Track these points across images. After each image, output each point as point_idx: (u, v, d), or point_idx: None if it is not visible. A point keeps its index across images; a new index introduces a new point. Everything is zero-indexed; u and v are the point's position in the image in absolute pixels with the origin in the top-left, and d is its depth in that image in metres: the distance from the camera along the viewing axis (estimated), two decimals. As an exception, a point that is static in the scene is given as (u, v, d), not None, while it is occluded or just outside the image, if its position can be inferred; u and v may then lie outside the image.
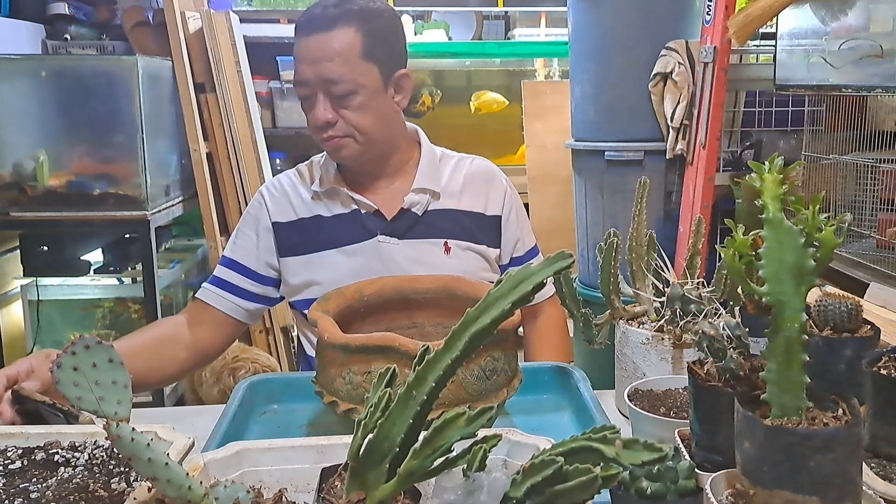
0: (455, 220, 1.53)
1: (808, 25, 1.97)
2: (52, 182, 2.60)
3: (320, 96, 1.41)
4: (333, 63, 1.39)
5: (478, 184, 1.58)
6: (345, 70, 1.39)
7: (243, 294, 1.52)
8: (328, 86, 1.40)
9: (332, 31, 1.40)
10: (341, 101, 1.41)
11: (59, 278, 2.79)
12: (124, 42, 3.15)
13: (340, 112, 1.42)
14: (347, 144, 1.45)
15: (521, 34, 3.81)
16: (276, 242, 1.53)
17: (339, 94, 1.40)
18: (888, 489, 0.73)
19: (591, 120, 2.41)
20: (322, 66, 1.39)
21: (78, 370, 0.62)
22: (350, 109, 1.42)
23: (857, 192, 2.03)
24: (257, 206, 1.56)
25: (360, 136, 1.44)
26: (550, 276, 0.62)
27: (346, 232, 1.50)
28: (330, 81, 1.39)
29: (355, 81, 1.40)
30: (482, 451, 0.62)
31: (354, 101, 1.41)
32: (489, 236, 1.56)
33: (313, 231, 1.52)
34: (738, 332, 0.81)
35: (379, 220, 1.50)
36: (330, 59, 1.39)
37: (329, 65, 1.39)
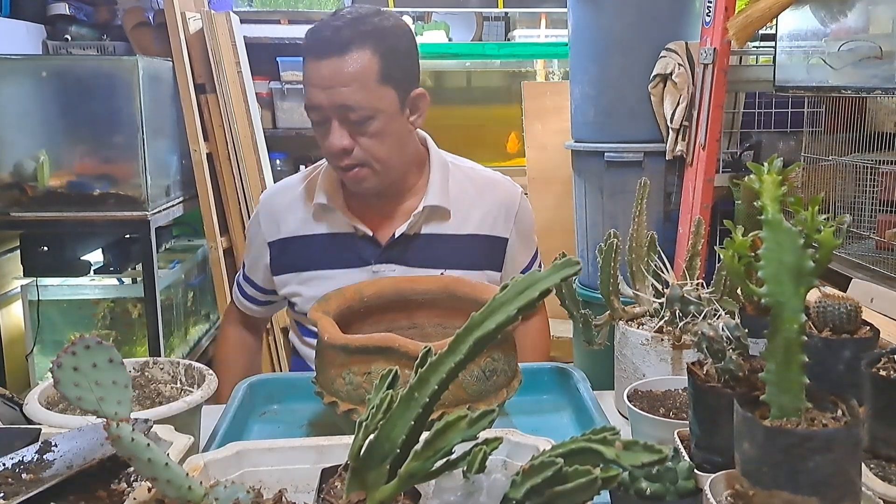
0: (456, 246, 1.46)
1: (807, 27, 1.97)
2: (53, 182, 2.60)
3: (335, 122, 1.34)
4: (349, 89, 1.32)
5: (489, 204, 1.50)
6: (361, 96, 1.32)
7: (256, 302, 1.62)
8: (343, 112, 1.33)
9: (347, 55, 1.32)
10: (357, 127, 1.34)
11: (60, 278, 2.78)
12: (125, 42, 3.15)
13: (357, 139, 1.35)
14: (367, 176, 1.39)
15: (521, 35, 3.81)
16: (270, 260, 1.51)
17: (355, 121, 1.34)
18: (887, 490, 0.73)
19: (591, 121, 2.42)
20: (337, 92, 1.32)
21: (78, 370, 0.62)
22: (367, 136, 1.35)
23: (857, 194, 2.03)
24: (256, 223, 1.55)
25: (377, 163, 1.38)
26: (557, 282, 0.62)
27: (341, 255, 1.46)
28: (346, 108, 1.33)
29: (372, 107, 1.33)
30: (482, 452, 0.62)
31: (371, 127, 1.35)
32: (492, 259, 1.50)
33: (307, 250, 1.48)
34: (738, 333, 0.82)
35: (374, 247, 1.45)
36: (345, 84, 1.32)
37: (344, 90, 1.32)
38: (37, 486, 0.75)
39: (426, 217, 1.46)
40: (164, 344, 2.75)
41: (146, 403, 1.06)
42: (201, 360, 2.11)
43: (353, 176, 1.39)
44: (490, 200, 1.51)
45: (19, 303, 2.78)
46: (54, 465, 0.80)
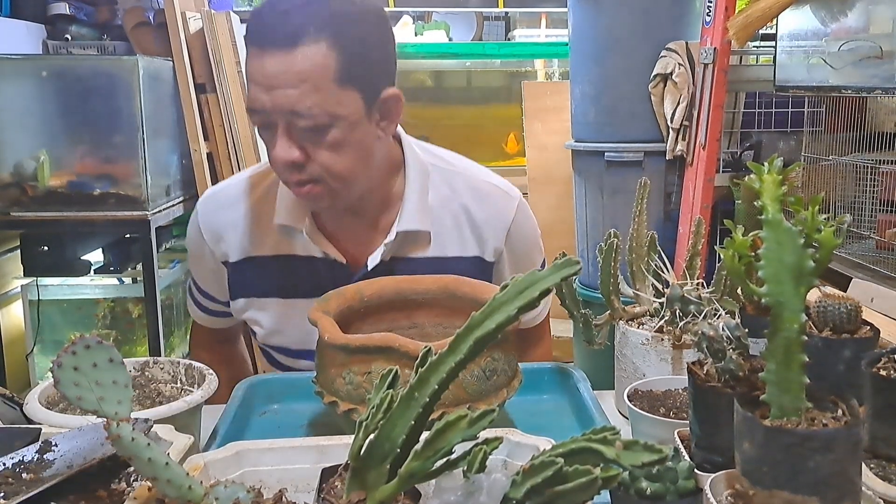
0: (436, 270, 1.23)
1: (807, 27, 1.97)
2: (53, 182, 2.60)
3: (280, 130, 1.09)
4: (298, 91, 1.05)
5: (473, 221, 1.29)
6: (314, 100, 1.06)
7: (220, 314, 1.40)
8: (291, 119, 1.07)
9: (296, 49, 1.05)
10: (311, 135, 1.09)
11: (60, 278, 2.79)
12: (125, 42, 3.15)
13: (309, 150, 1.10)
14: (321, 195, 1.15)
15: (521, 35, 3.81)
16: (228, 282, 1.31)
17: (306, 129, 1.08)
18: (888, 490, 0.73)
19: (592, 121, 2.42)
20: (282, 95, 1.05)
21: (78, 370, 0.62)
22: (322, 147, 1.10)
23: (857, 193, 2.03)
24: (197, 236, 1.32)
25: (333, 180, 1.13)
26: (558, 282, 0.62)
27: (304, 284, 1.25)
28: (294, 113, 1.07)
29: (328, 113, 1.07)
30: (482, 452, 0.62)
31: (328, 137, 1.09)
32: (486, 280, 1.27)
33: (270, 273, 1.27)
34: (738, 333, 0.82)
35: (345, 278, 1.23)
36: (294, 85, 1.05)
37: (292, 93, 1.05)
38: (37, 485, 0.75)
39: (401, 243, 1.25)
40: (165, 344, 2.75)
41: (146, 403, 1.06)
42: (201, 360, 2.10)
43: (306, 193, 1.14)
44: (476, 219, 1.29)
45: (19, 302, 2.78)
46: (54, 464, 0.80)
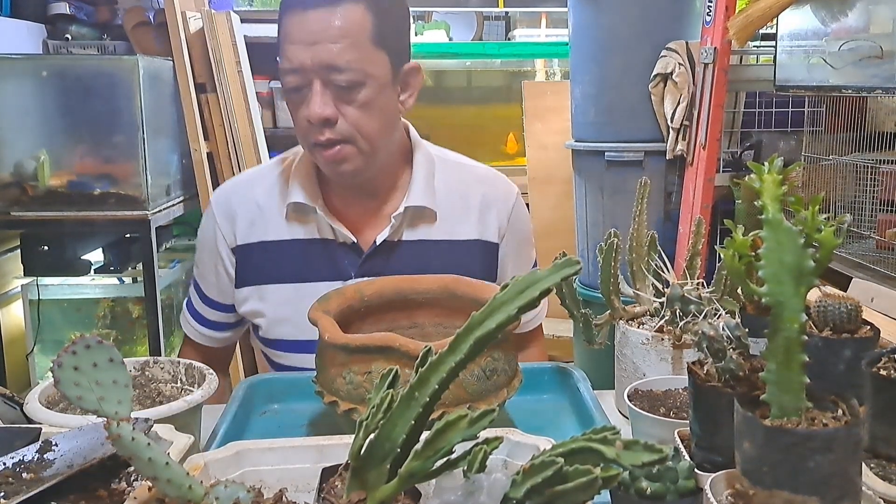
0: (445, 253, 1.30)
1: (808, 26, 1.97)
2: (53, 182, 2.60)
3: (317, 87, 1.16)
4: (339, 45, 1.14)
5: (479, 203, 1.34)
6: (353, 55, 1.14)
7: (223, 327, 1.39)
8: (330, 73, 1.15)
9: (338, 7, 1.15)
10: (344, 93, 1.17)
11: (60, 278, 2.79)
12: (125, 42, 3.15)
13: (342, 109, 1.17)
14: (350, 155, 1.20)
15: (521, 35, 3.81)
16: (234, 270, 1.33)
17: (342, 85, 1.16)
18: (888, 490, 0.73)
19: (592, 120, 2.42)
20: (324, 49, 1.14)
21: (78, 370, 0.62)
22: (354, 105, 1.17)
23: (857, 193, 2.03)
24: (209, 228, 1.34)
25: (362, 140, 1.20)
26: (558, 282, 0.62)
27: (315, 266, 1.28)
28: (333, 68, 1.15)
29: (364, 70, 1.16)
30: (483, 452, 0.62)
31: (360, 95, 1.17)
32: (485, 265, 1.34)
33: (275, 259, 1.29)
34: (738, 333, 0.82)
35: (355, 255, 1.28)
36: (334, 40, 1.14)
37: (333, 47, 1.14)
38: (37, 485, 0.75)
39: (410, 220, 1.30)
40: (165, 343, 2.75)
41: (146, 403, 1.06)
42: (202, 360, 2.09)
43: (334, 155, 1.20)
44: (481, 200, 1.35)
45: (19, 302, 2.78)
46: (55, 464, 0.80)
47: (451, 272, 1.26)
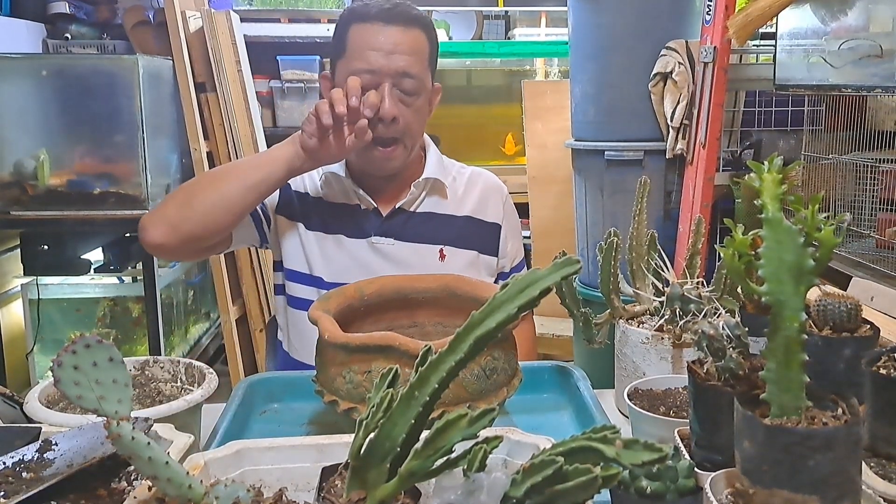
0: (454, 225, 1.51)
1: (807, 25, 1.97)
2: (53, 181, 2.60)
3: (388, 89, 1.37)
4: (412, 58, 1.38)
5: (479, 191, 1.56)
6: (418, 69, 1.39)
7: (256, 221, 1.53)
8: (401, 79, 1.38)
9: (411, 29, 1.39)
10: (406, 98, 1.40)
11: (60, 277, 2.79)
12: (125, 41, 3.15)
13: (401, 110, 1.39)
14: (398, 155, 1.43)
15: (521, 34, 3.81)
16: (278, 198, 1.50)
17: (408, 91, 1.39)
18: (888, 489, 0.73)
19: (592, 120, 2.42)
20: (401, 58, 1.37)
21: (78, 369, 0.62)
22: (412, 109, 1.41)
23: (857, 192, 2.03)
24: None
25: (409, 140, 1.43)
26: (558, 281, 0.62)
27: (343, 224, 1.48)
28: (406, 75, 1.38)
29: (422, 82, 1.41)
30: (483, 451, 0.62)
31: (417, 102, 1.41)
32: (488, 244, 1.54)
33: (313, 210, 1.50)
34: (738, 332, 0.82)
35: (375, 218, 1.48)
36: (409, 53, 1.38)
37: (409, 58, 1.38)
38: (37, 484, 0.75)
39: (427, 191, 1.51)
40: (165, 342, 2.75)
41: (146, 402, 1.06)
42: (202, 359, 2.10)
43: (389, 154, 1.42)
44: (481, 189, 1.57)
45: (19, 302, 2.78)
46: (54, 463, 0.80)
47: (457, 240, 1.49)
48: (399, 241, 1.47)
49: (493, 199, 1.57)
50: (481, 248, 1.53)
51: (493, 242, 1.55)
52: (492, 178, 1.62)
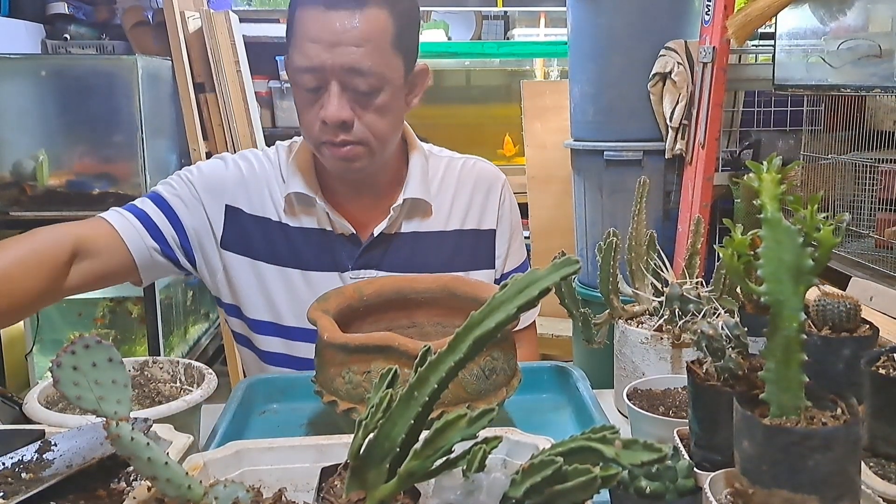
0: (442, 245, 1.33)
1: (806, 25, 1.97)
2: (52, 181, 2.60)
3: (335, 89, 1.15)
4: (362, 50, 1.13)
5: (471, 192, 1.37)
6: (375, 60, 1.14)
7: (164, 246, 1.25)
8: (350, 77, 1.15)
9: (363, 11, 1.14)
10: (362, 98, 1.17)
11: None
12: (124, 42, 3.15)
13: (357, 111, 1.18)
14: (361, 155, 1.21)
15: (520, 34, 3.81)
16: (223, 227, 1.27)
17: (361, 90, 1.16)
18: (887, 488, 0.73)
19: (591, 120, 2.42)
20: (346, 52, 1.13)
21: (77, 369, 0.62)
22: (370, 110, 1.18)
23: (856, 192, 2.03)
24: (218, 173, 1.29)
25: (375, 142, 1.21)
26: (557, 281, 0.62)
27: (313, 255, 1.28)
28: (355, 72, 1.14)
29: (382, 76, 1.16)
30: (482, 451, 0.62)
31: (378, 100, 1.18)
32: (481, 256, 1.37)
33: (276, 239, 1.28)
34: (737, 332, 0.82)
35: (353, 247, 1.29)
36: (358, 43, 1.13)
37: (356, 51, 1.13)
38: (36, 485, 0.75)
39: (407, 212, 1.32)
40: (164, 343, 2.75)
41: (146, 402, 1.06)
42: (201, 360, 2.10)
43: (345, 154, 1.20)
44: (472, 189, 1.37)
45: (19, 302, 2.78)
46: (54, 464, 0.80)
47: (446, 263, 1.31)
48: (380, 271, 1.29)
49: (490, 197, 1.38)
50: (473, 264, 1.36)
51: (489, 251, 1.38)
52: (486, 169, 1.41)
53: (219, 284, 1.32)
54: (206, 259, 1.30)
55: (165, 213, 1.27)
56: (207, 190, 1.29)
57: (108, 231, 1.23)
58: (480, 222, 1.38)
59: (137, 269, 1.25)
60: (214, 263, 1.30)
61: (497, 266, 1.40)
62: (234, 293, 1.31)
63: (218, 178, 1.30)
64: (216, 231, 1.29)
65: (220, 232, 1.28)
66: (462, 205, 1.37)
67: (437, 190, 1.35)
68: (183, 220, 1.27)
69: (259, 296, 1.30)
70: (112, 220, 1.24)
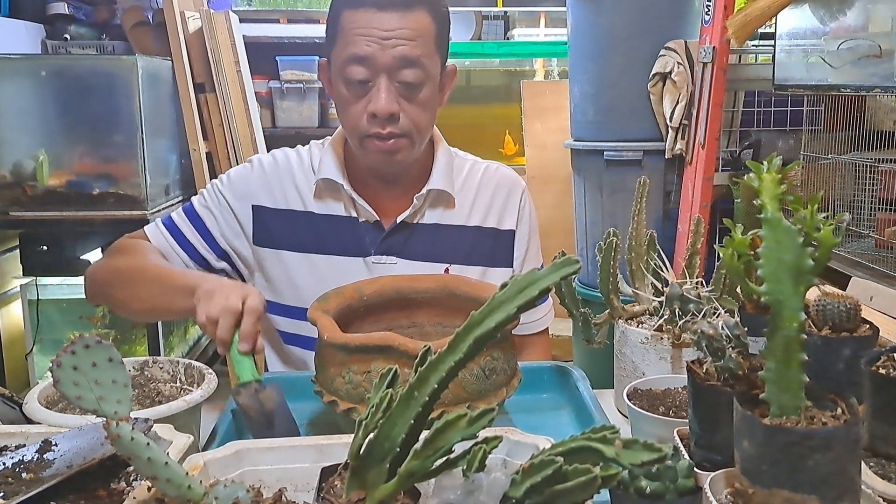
0: (462, 238, 1.37)
1: (806, 25, 1.97)
2: (52, 182, 2.60)
3: (383, 83, 1.22)
4: (413, 44, 1.21)
5: (493, 193, 1.42)
6: (422, 54, 1.22)
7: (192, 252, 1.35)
8: (400, 70, 1.22)
9: (412, 11, 1.22)
10: (408, 91, 1.24)
11: (59, 277, 2.78)
12: (124, 42, 3.15)
13: (403, 105, 1.24)
14: (403, 147, 1.27)
15: (520, 34, 3.81)
16: (252, 227, 1.35)
17: (409, 82, 1.23)
18: (887, 488, 0.73)
19: (591, 120, 2.42)
20: (398, 45, 1.21)
21: (78, 369, 0.62)
22: (414, 103, 1.25)
23: (856, 192, 2.03)
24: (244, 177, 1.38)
25: (417, 135, 1.28)
26: (557, 281, 0.62)
27: (338, 240, 1.34)
28: (407, 63, 1.21)
29: (427, 71, 1.24)
30: (482, 451, 0.62)
31: (422, 94, 1.25)
32: (500, 255, 1.41)
33: (301, 228, 1.35)
34: (737, 332, 0.82)
35: (376, 233, 1.34)
36: (409, 38, 1.21)
37: (408, 45, 1.21)
38: (37, 485, 0.75)
39: (431, 203, 1.37)
40: (164, 343, 2.75)
41: (146, 402, 1.06)
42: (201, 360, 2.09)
43: (391, 147, 1.26)
44: (494, 191, 1.42)
45: (19, 302, 2.78)
46: (54, 464, 0.80)
47: (465, 256, 1.36)
48: (401, 258, 1.34)
49: (510, 200, 1.43)
50: (491, 261, 1.39)
51: (507, 252, 1.42)
52: (508, 174, 1.46)
53: (256, 280, 1.38)
54: (241, 258, 1.38)
55: (196, 227, 1.37)
56: (234, 194, 1.37)
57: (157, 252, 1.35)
58: (500, 222, 1.42)
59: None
60: (251, 261, 1.38)
61: (515, 266, 1.43)
62: (269, 285, 1.37)
63: (244, 182, 1.38)
64: (247, 232, 1.36)
65: (251, 231, 1.36)
66: (483, 204, 1.41)
67: (461, 187, 1.40)
68: (211, 231, 1.36)
69: (286, 283, 1.36)
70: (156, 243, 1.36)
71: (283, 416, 1.00)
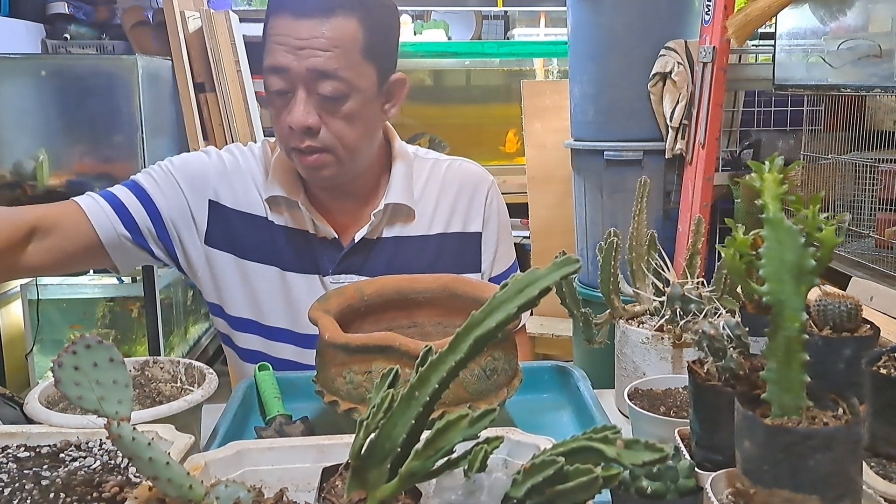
0: (425, 249, 1.32)
1: (806, 25, 1.98)
2: (52, 181, 2.60)
3: (301, 94, 1.16)
4: (330, 55, 1.14)
5: (456, 193, 1.36)
6: (341, 66, 1.14)
7: (131, 225, 1.24)
8: (316, 82, 1.15)
9: (332, 18, 1.14)
10: (329, 104, 1.17)
11: (59, 277, 2.78)
12: (124, 41, 3.15)
13: (325, 119, 1.17)
14: (328, 163, 1.20)
15: (520, 34, 3.81)
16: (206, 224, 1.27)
17: (328, 95, 1.16)
18: (888, 488, 0.73)
19: (591, 120, 2.42)
20: (313, 56, 1.14)
21: (79, 369, 0.62)
22: (337, 116, 1.17)
23: (856, 192, 2.03)
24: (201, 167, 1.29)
25: (342, 150, 1.20)
26: (557, 280, 0.62)
27: (295, 256, 1.28)
28: (321, 75, 1.14)
29: (350, 83, 1.16)
30: (483, 451, 0.62)
31: (345, 107, 1.17)
32: (469, 259, 1.36)
33: (261, 236, 1.28)
34: (738, 332, 0.82)
35: (334, 251, 1.28)
36: (325, 48, 1.14)
37: (323, 55, 1.14)
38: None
39: (389, 218, 1.31)
40: (164, 343, 2.75)
41: (146, 403, 1.06)
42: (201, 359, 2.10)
43: (312, 162, 1.20)
44: (458, 190, 1.36)
45: (19, 302, 2.78)
46: (55, 464, 0.80)
47: (428, 267, 1.28)
48: (361, 276, 1.28)
49: (475, 199, 1.37)
50: (458, 267, 1.33)
51: (475, 255, 1.37)
52: (473, 171, 1.39)
53: (202, 281, 1.31)
54: (186, 253, 1.29)
55: (141, 200, 1.26)
56: (189, 180, 1.28)
57: (75, 210, 1.22)
58: (466, 225, 1.36)
59: (107, 252, 1.24)
60: (196, 259, 1.29)
61: (483, 269, 1.38)
62: (217, 291, 1.30)
63: (200, 169, 1.29)
64: (199, 226, 1.28)
65: (205, 228, 1.28)
66: (446, 207, 1.35)
67: (421, 193, 1.34)
68: (161, 209, 1.26)
69: (242, 293, 1.29)
70: (81, 202, 1.23)
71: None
